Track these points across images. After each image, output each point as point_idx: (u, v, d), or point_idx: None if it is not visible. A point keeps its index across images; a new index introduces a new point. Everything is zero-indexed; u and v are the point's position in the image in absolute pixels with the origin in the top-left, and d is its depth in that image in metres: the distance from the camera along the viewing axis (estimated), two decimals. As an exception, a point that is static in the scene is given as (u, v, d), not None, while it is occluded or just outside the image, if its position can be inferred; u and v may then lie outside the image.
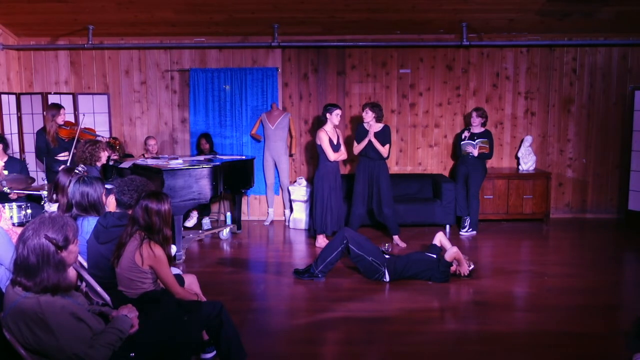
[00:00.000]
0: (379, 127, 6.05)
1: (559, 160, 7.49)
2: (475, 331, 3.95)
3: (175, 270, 3.54)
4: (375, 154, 6.04)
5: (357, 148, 6.14)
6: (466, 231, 6.63)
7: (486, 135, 6.64)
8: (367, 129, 6.06)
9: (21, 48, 7.28)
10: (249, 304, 4.50)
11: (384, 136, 6.03)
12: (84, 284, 3.09)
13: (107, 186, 3.79)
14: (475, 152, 6.58)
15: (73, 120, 6.78)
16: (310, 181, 7.05)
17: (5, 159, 5.46)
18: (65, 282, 2.34)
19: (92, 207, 3.48)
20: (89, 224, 3.42)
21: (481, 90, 7.38)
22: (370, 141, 5.98)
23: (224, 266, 5.60)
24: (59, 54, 7.35)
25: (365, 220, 6.53)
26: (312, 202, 6.24)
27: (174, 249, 3.42)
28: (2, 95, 6.67)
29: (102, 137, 6.14)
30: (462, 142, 6.69)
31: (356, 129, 6.25)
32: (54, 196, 3.98)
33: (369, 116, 6.04)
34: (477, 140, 6.58)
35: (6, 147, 5.51)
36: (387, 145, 6.04)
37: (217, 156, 6.67)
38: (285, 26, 6.81)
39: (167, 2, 6.13)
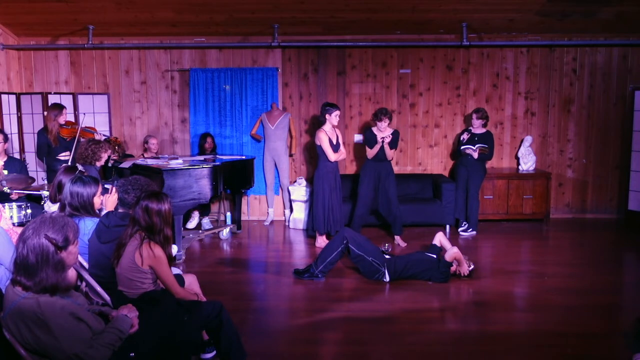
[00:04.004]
0: (389, 131, 6.09)
1: (559, 160, 7.49)
2: (475, 331, 3.95)
3: (175, 270, 3.54)
4: (383, 155, 6.09)
5: (371, 153, 6.15)
6: (465, 231, 6.63)
7: (487, 136, 6.64)
8: (376, 133, 6.09)
9: (21, 48, 7.28)
10: (249, 304, 4.50)
11: (394, 141, 6.09)
12: (84, 284, 3.09)
13: (106, 186, 3.79)
14: (476, 155, 6.58)
15: (73, 120, 6.78)
16: (310, 181, 7.05)
17: (5, 158, 5.45)
18: (64, 283, 2.34)
19: (83, 207, 3.47)
20: (85, 225, 3.41)
21: (481, 90, 7.38)
22: (382, 146, 6.04)
23: (224, 266, 5.60)
24: (59, 54, 7.36)
25: (367, 221, 6.54)
26: (312, 202, 6.25)
27: (175, 249, 3.42)
28: (2, 95, 6.67)
29: (102, 135, 6.15)
30: (461, 147, 6.69)
31: (364, 134, 6.27)
32: (57, 196, 3.97)
33: (386, 123, 6.06)
34: (477, 145, 6.58)
35: (5, 138, 5.48)
36: (394, 150, 6.13)
37: (217, 156, 6.67)
38: (285, 26, 6.81)
39: (167, 2, 6.13)
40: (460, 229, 6.68)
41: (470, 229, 6.64)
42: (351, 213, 6.41)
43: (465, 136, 6.70)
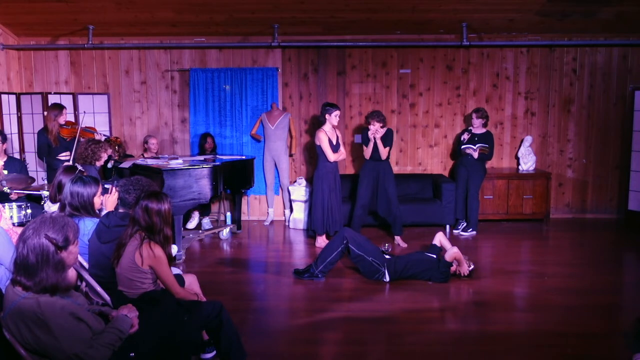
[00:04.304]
0: (383, 131, 6.08)
1: (559, 160, 7.49)
2: (475, 331, 3.95)
3: (175, 270, 3.54)
4: (378, 154, 6.08)
5: (367, 152, 6.15)
6: (464, 231, 6.63)
7: (487, 136, 6.63)
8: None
9: (21, 48, 7.28)
10: (249, 304, 4.50)
11: (386, 139, 6.07)
12: (84, 283, 3.09)
13: (105, 186, 3.79)
14: (476, 155, 6.57)
15: (73, 120, 6.78)
16: (310, 181, 7.05)
17: (5, 158, 5.45)
18: (65, 283, 2.34)
19: (83, 207, 3.47)
20: (85, 225, 3.41)
21: (481, 90, 7.38)
22: (375, 143, 6.02)
23: (224, 266, 5.60)
24: (59, 54, 7.36)
25: (366, 221, 6.53)
26: (311, 202, 6.25)
27: (175, 248, 3.41)
28: (2, 95, 6.67)
29: (102, 134, 6.15)
30: (462, 146, 6.68)
31: (362, 134, 6.27)
32: (57, 196, 3.97)
33: (376, 126, 6.04)
34: (477, 145, 6.57)
35: (4, 139, 5.48)
36: (388, 148, 6.09)
37: (217, 156, 6.67)
38: (285, 26, 6.81)
39: (167, 2, 6.13)
40: (456, 231, 6.69)
41: (470, 229, 6.64)
42: (350, 213, 6.40)
43: (465, 136, 6.69)
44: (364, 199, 6.19)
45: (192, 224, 6.93)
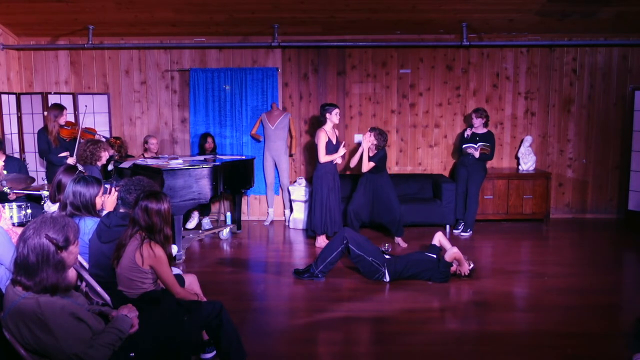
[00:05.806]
0: (373, 145, 6.08)
1: (559, 160, 7.49)
2: (475, 331, 3.95)
3: (175, 270, 3.54)
4: (376, 169, 6.08)
5: (354, 160, 6.25)
6: (464, 231, 6.62)
7: (488, 136, 6.62)
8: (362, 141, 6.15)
9: (21, 48, 7.28)
10: (249, 304, 4.50)
11: (374, 156, 6.08)
12: (84, 283, 3.09)
13: (105, 185, 3.79)
14: (477, 154, 6.57)
15: (73, 121, 6.78)
16: (310, 181, 7.04)
17: (4, 158, 5.45)
18: (65, 283, 2.34)
19: (84, 207, 3.47)
20: (85, 224, 3.41)
21: (481, 90, 7.38)
22: (362, 154, 6.08)
23: (224, 266, 5.60)
24: (59, 54, 7.36)
25: (358, 224, 6.48)
26: (311, 202, 6.25)
27: (175, 248, 3.41)
28: (2, 95, 6.67)
29: (102, 136, 6.15)
30: (464, 145, 6.67)
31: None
32: (56, 196, 3.96)
33: (371, 139, 6.05)
34: (479, 144, 6.57)
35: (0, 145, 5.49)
36: (372, 163, 6.06)
37: (217, 156, 6.67)
38: (285, 26, 6.81)
39: (167, 2, 6.13)
40: (456, 231, 6.69)
41: (468, 229, 6.63)
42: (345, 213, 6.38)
43: (468, 132, 6.67)
44: (356, 204, 6.16)
45: (192, 224, 6.93)
